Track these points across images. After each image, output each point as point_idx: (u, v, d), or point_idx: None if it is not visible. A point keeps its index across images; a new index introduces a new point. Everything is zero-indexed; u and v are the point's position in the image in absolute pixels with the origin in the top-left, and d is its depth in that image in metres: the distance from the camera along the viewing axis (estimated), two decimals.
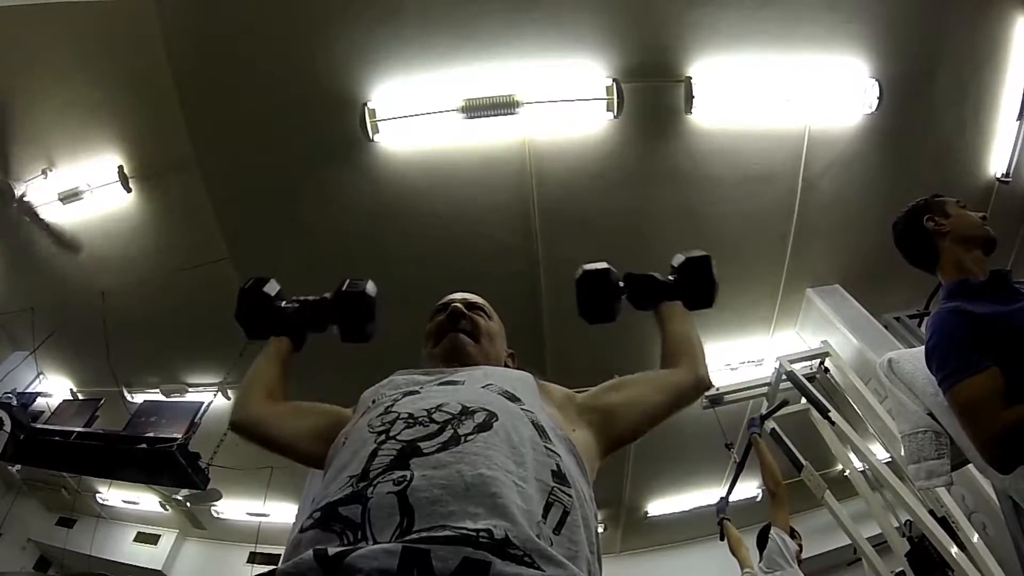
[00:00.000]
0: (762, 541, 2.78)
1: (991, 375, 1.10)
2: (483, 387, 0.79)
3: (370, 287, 1.16)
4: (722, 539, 3.26)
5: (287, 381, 1.10)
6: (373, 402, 0.81)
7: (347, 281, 1.17)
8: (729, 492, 3.61)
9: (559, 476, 0.64)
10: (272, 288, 1.17)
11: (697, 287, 1.19)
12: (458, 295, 1.10)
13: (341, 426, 0.84)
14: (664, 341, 1.11)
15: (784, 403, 3.32)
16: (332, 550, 0.48)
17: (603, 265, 1.18)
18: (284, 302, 1.17)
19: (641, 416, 0.94)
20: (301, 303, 1.17)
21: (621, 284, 1.19)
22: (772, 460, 2.96)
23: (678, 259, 1.22)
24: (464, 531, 0.50)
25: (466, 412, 0.68)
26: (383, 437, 0.66)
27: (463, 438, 0.63)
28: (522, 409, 0.74)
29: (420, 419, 0.67)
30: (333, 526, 0.55)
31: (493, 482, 0.57)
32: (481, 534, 0.50)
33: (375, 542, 0.51)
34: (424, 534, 0.51)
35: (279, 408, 1.02)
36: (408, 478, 0.57)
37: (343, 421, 0.87)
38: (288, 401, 1.05)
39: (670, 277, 1.21)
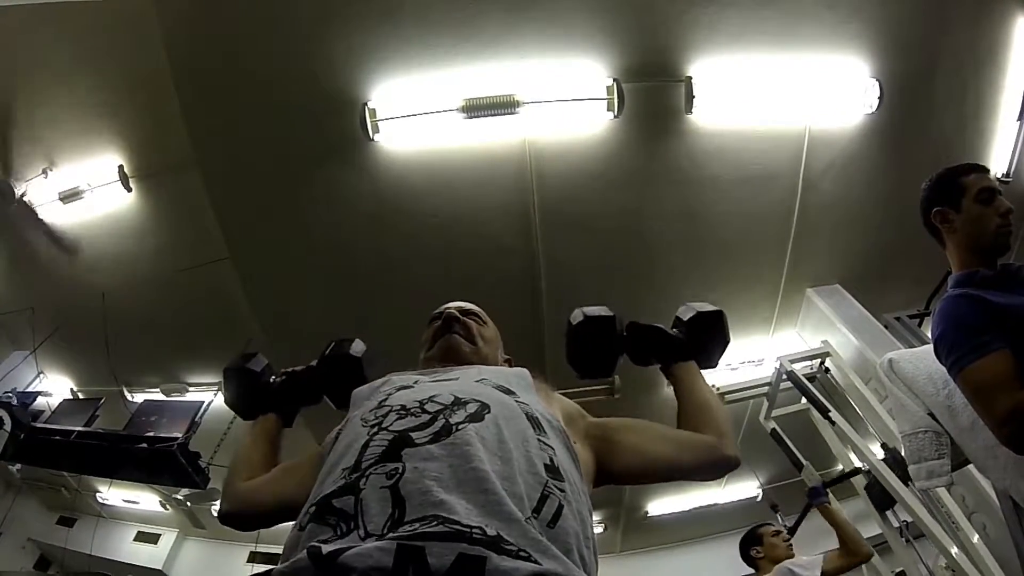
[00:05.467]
0: (742, 547, 2.42)
1: (1003, 356, 1.08)
2: (477, 381, 0.79)
3: (356, 347, 1.08)
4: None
5: (276, 459, 1.04)
6: (367, 399, 0.81)
7: (331, 345, 1.10)
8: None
9: (552, 469, 0.64)
10: (258, 364, 1.13)
11: (707, 347, 1.06)
12: (453, 303, 1.11)
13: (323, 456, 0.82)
14: (684, 406, 0.99)
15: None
16: (326, 548, 0.48)
17: (607, 312, 1.03)
18: (272, 377, 1.13)
19: (644, 465, 0.87)
20: (288, 375, 1.12)
21: (623, 334, 1.04)
22: (851, 528, 2.47)
23: (687, 313, 1.07)
24: (457, 527, 0.50)
25: (458, 403, 0.69)
26: (375, 429, 0.66)
27: (455, 427, 0.64)
28: (516, 401, 0.74)
29: (412, 410, 0.68)
30: (328, 519, 0.55)
31: (485, 477, 0.57)
32: (474, 531, 0.50)
33: (367, 532, 0.52)
34: (417, 526, 0.51)
35: (268, 476, 0.96)
36: (400, 471, 0.58)
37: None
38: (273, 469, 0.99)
39: (675, 330, 1.07)
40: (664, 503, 5.38)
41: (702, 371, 1.05)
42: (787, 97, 2.87)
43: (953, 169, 1.37)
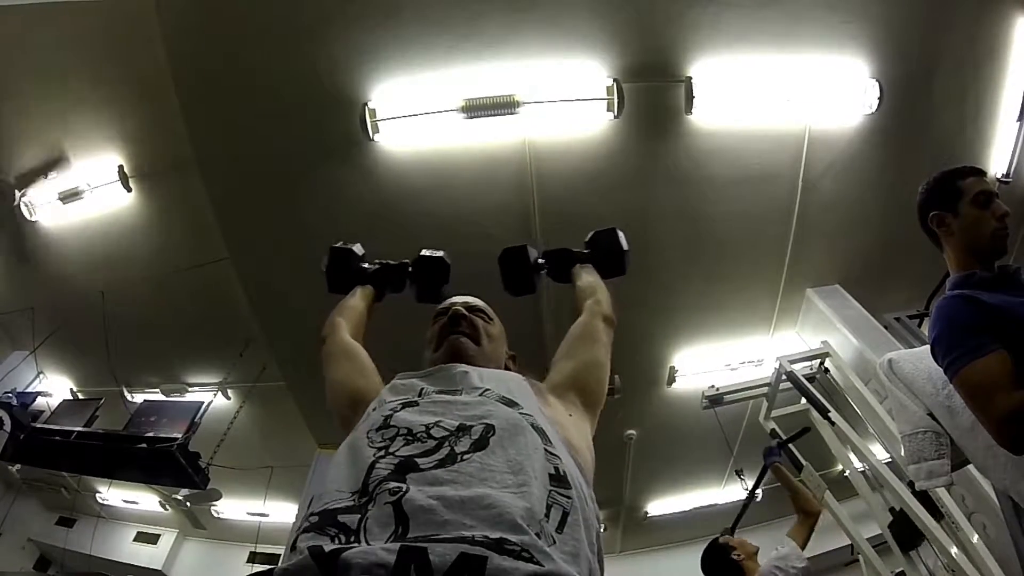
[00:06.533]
0: (715, 562, 2.36)
1: (999, 357, 1.08)
2: (480, 395, 0.80)
3: (445, 255, 1.33)
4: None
5: (368, 319, 1.25)
6: (374, 409, 0.82)
7: (422, 250, 1.34)
8: (735, 524, 3.38)
9: (557, 479, 0.65)
10: (359, 249, 1.38)
11: (608, 255, 1.32)
12: (459, 298, 1.12)
13: (366, 401, 0.88)
14: (577, 290, 1.23)
15: (806, 430, 3.14)
16: (328, 547, 0.49)
17: (521, 244, 1.33)
18: (367, 264, 1.35)
19: (597, 368, 1.02)
20: (383, 264, 1.35)
21: (541, 261, 1.33)
22: (799, 485, 2.72)
23: (589, 235, 1.36)
24: (460, 533, 0.51)
25: (463, 429, 0.70)
26: (382, 452, 0.67)
27: (459, 456, 0.65)
28: (520, 414, 0.75)
29: (418, 435, 0.69)
30: (328, 530, 0.56)
31: (488, 498, 0.58)
32: (476, 536, 0.51)
33: (368, 544, 0.52)
34: (421, 543, 0.51)
35: (358, 353, 1.11)
36: (404, 489, 0.58)
37: (370, 397, 0.91)
38: (360, 346, 1.13)
39: (585, 251, 1.35)
40: (664, 503, 5.38)
41: (614, 279, 1.30)
42: (787, 97, 2.87)
43: (950, 172, 1.36)
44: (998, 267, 1.27)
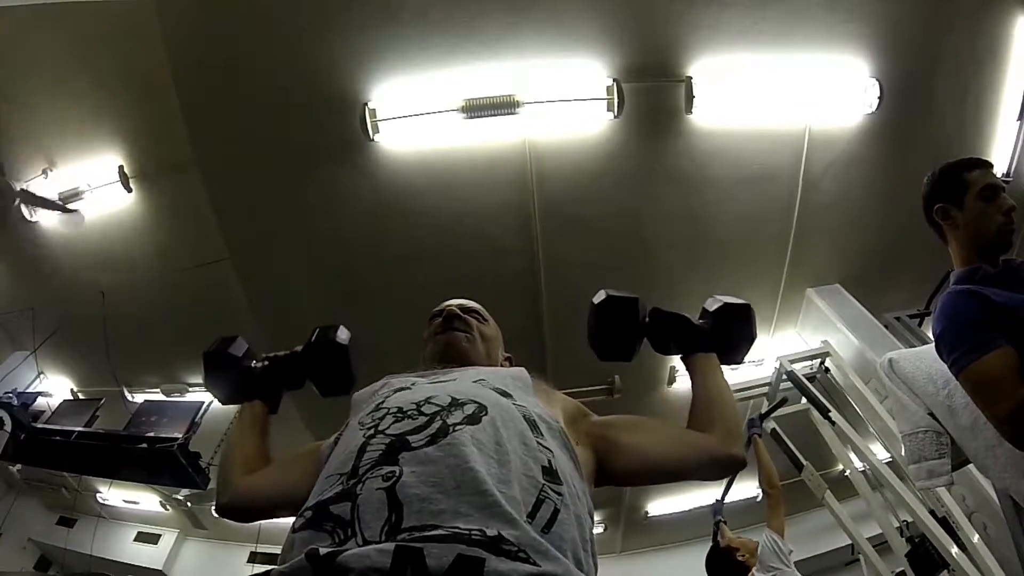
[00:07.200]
0: (722, 567, 2.51)
1: (1005, 353, 1.07)
2: (475, 382, 0.78)
3: (342, 334, 1.06)
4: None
5: (267, 446, 1.02)
6: (366, 403, 0.81)
7: (316, 331, 1.07)
8: (725, 494, 3.58)
9: (550, 472, 0.64)
10: (239, 348, 1.09)
11: (733, 340, 1.01)
12: (454, 301, 1.10)
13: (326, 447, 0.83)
14: (697, 398, 0.94)
15: (784, 401, 3.27)
16: (324, 550, 0.48)
17: (631, 295, 1.00)
18: (254, 361, 1.09)
19: (644, 467, 0.85)
20: (271, 360, 1.08)
21: (647, 320, 1.00)
22: (770, 461, 2.89)
23: (713, 304, 1.03)
24: (456, 530, 0.50)
25: (455, 404, 0.68)
26: (372, 431, 0.66)
27: (452, 428, 0.63)
28: (513, 404, 0.73)
29: (409, 412, 0.67)
30: (324, 525, 0.55)
31: (483, 480, 0.56)
32: (474, 533, 0.50)
33: (363, 539, 0.51)
34: (416, 533, 0.51)
35: (265, 472, 0.96)
36: (397, 474, 0.57)
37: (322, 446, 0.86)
38: (270, 463, 0.98)
39: (701, 321, 1.03)
40: (664, 503, 5.38)
41: (727, 367, 1.00)
42: (787, 97, 2.87)
43: (956, 164, 1.34)
44: (1003, 262, 1.26)
